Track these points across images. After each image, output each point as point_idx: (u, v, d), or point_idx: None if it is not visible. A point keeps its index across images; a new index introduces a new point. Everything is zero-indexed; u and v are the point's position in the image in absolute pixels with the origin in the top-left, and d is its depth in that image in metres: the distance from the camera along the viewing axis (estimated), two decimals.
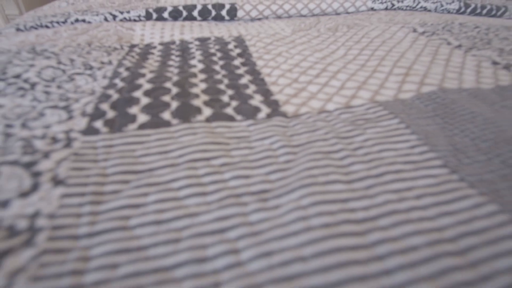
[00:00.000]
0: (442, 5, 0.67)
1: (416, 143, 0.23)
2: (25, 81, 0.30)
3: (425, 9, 0.66)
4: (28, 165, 0.19)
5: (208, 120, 0.25)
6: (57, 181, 0.19)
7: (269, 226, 0.16)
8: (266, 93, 0.30)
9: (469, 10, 0.70)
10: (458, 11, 0.69)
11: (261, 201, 0.18)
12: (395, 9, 0.64)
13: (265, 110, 0.27)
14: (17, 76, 0.31)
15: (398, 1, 0.63)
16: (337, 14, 0.60)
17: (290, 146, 0.22)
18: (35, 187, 0.18)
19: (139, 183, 0.19)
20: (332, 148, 0.22)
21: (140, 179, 0.19)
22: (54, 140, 0.22)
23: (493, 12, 0.72)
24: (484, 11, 0.71)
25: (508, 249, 0.16)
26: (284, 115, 0.26)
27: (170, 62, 0.36)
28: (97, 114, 0.25)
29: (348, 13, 0.61)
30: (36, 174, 0.19)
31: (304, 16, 0.58)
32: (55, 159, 0.20)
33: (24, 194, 0.18)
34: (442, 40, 0.45)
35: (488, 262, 0.15)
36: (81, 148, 0.21)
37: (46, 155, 0.20)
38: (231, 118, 0.26)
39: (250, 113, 0.26)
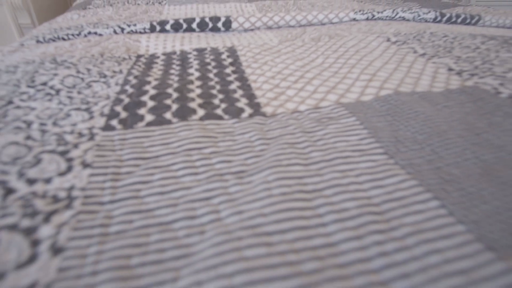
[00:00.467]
0: (419, 15, 0.73)
1: (365, 136, 0.29)
2: (51, 87, 0.36)
3: (403, 18, 0.72)
4: (63, 153, 0.25)
5: (201, 119, 0.31)
6: (85, 165, 0.24)
7: (242, 195, 0.22)
8: (250, 97, 0.35)
9: (444, 19, 0.76)
10: (434, 20, 0.75)
11: (238, 178, 0.24)
12: (375, 19, 0.69)
13: (248, 111, 0.32)
14: (44, 84, 0.37)
15: (378, 12, 0.69)
16: (322, 24, 0.66)
17: (265, 139, 0.28)
18: (69, 169, 0.24)
19: (147, 166, 0.25)
20: (297, 140, 0.28)
21: (148, 163, 0.25)
22: (80, 134, 0.28)
23: (468, 21, 0.78)
24: (459, 20, 0.77)
25: (415, 210, 0.21)
26: (263, 115, 0.32)
27: (171, 71, 0.42)
28: (113, 114, 0.31)
29: (332, 23, 0.66)
30: (70, 160, 0.25)
31: (292, 26, 0.64)
32: (83, 149, 0.26)
33: (61, 174, 0.23)
34: (410, 48, 0.51)
35: (399, 218, 0.21)
36: (101, 141, 0.27)
37: (76, 145, 0.26)
38: (220, 117, 0.31)
39: (236, 113, 0.32)
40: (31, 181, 0.23)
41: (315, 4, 0.82)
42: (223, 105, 0.33)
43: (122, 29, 0.57)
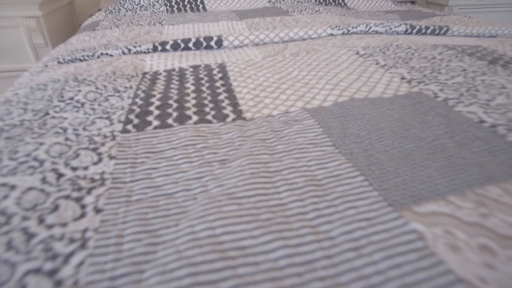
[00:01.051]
0: (391, 28, 0.83)
1: (320, 133, 0.38)
2: (77, 101, 0.46)
3: (376, 32, 0.82)
4: (94, 149, 0.35)
5: (195, 123, 0.40)
6: (111, 157, 0.34)
7: (223, 175, 0.31)
8: (234, 105, 0.45)
9: (415, 31, 0.86)
10: (405, 32, 0.85)
11: (221, 164, 0.33)
12: (350, 33, 0.79)
13: (231, 116, 0.42)
14: (71, 98, 0.47)
15: (353, 27, 0.79)
16: (303, 39, 0.76)
17: (243, 137, 0.37)
18: (100, 160, 0.33)
19: (155, 157, 0.34)
20: (267, 137, 0.37)
21: (156, 155, 0.34)
22: (105, 136, 0.37)
23: (437, 32, 0.87)
24: (429, 31, 0.86)
25: (345, 183, 0.30)
26: (244, 119, 0.41)
27: (172, 85, 0.51)
28: (128, 121, 0.40)
29: (311, 38, 0.76)
30: (99, 154, 0.34)
31: (276, 42, 0.74)
32: (108, 146, 0.35)
33: (95, 163, 0.33)
34: (373, 60, 0.60)
35: (332, 188, 0.30)
36: (121, 140, 0.36)
37: (103, 144, 0.36)
38: (209, 122, 0.41)
39: (222, 118, 0.41)
40: (74, 168, 0.32)
41: (299, 20, 0.93)
42: (212, 112, 0.43)
43: (129, 50, 0.67)
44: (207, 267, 0.22)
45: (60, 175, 0.31)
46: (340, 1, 1.32)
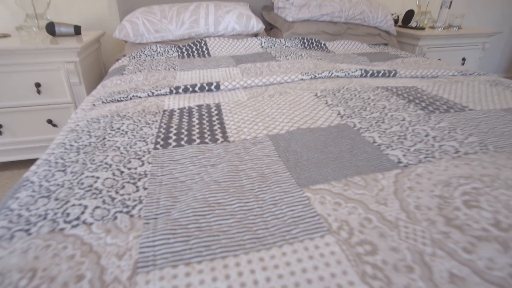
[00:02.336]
0: (349, 73, 1.11)
1: (272, 149, 0.64)
2: (122, 130, 0.73)
3: (337, 76, 1.10)
4: (139, 158, 0.61)
5: (198, 144, 0.67)
6: (149, 163, 0.60)
7: (213, 171, 0.57)
8: (224, 133, 0.72)
9: (369, 74, 1.13)
10: (361, 76, 1.12)
11: (212, 166, 0.59)
12: (317, 78, 1.07)
13: (220, 140, 0.68)
14: (118, 128, 0.74)
15: (318, 74, 1.07)
16: (280, 83, 1.04)
17: (226, 151, 0.64)
18: (143, 164, 0.60)
19: (174, 163, 0.60)
20: (239, 151, 0.63)
21: (175, 162, 0.61)
22: (144, 151, 0.64)
23: (387, 75, 1.15)
24: (380, 75, 1.14)
25: (276, 173, 0.56)
26: (228, 141, 0.68)
27: (183, 119, 0.79)
28: (156, 142, 0.67)
29: (287, 82, 1.04)
30: (143, 161, 0.61)
31: (260, 86, 1.02)
32: (146, 157, 0.62)
33: (140, 166, 0.59)
34: (325, 100, 0.87)
35: (272, 177, 0.55)
36: (153, 154, 0.63)
37: (143, 156, 0.62)
38: (206, 143, 0.67)
39: (214, 141, 0.68)
40: (129, 168, 0.58)
41: (282, 66, 1.22)
42: (209, 137, 0.70)
43: (153, 93, 0.95)
44: (200, 210, 0.48)
45: (121, 172, 0.57)
46: (322, 45, 1.62)
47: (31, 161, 1.77)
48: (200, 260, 0.39)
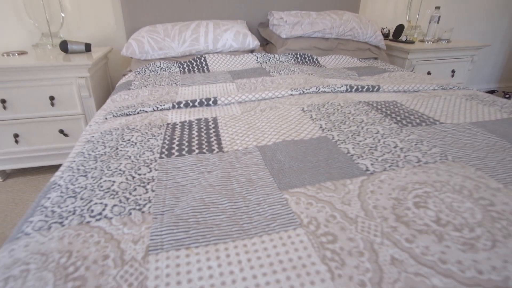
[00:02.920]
0: (335, 89, 1.23)
1: (260, 159, 0.75)
2: (132, 141, 0.85)
3: (324, 92, 1.22)
4: (147, 166, 0.73)
5: (197, 154, 0.79)
6: (155, 169, 0.72)
7: (209, 177, 0.69)
8: (219, 144, 0.83)
9: (353, 90, 1.25)
10: (346, 91, 1.24)
11: (208, 173, 0.71)
12: (305, 93, 1.19)
13: (216, 150, 0.80)
14: (129, 139, 0.86)
15: (307, 89, 1.19)
16: (272, 98, 1.16)
17: (220, 160, 0.75)
18: (151, 171, 0.72)
19: (176, 170, 0.72)
20: (232, 160, 0.75)
21: (177, 169, 0.72)
22: (151, 160, 0.76)
23: (371, 90, 1.27)
24: (364, 90, 1.26)
25: (262, 178, 0.67)
26: (222, 151, 0.80)
27: (184, 132, 0.91)
28: (162, 152, 0.79)
29: (277, 98, 1.16)
30: (150, 168, 0.72)
31: (253, 101, 1.14)
32: (154, 165, 0.74)
33: (148, 172, 0.71)
34: (310, 115, 0.99)
35: (258, 182, 0.67)
36: (159, 162, 0.75)
37: (151, 163, 0.74)
38: (204, 153, 0.79)
39: (211, 151, 0.80)
40: (139, 174, 0.70)
41: (274, 81, 1.34)
42: (206, 148, 0.81)
43: (157, 108, 1.07)
44: (198, 208, 0.59)
45: (133, 177, 0.69)
46: (314, 60, 1.75)
47: (44, 168, 1.89)
48: (197, 246, 0.50)
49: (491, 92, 2.82)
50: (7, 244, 0.55)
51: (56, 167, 1.90)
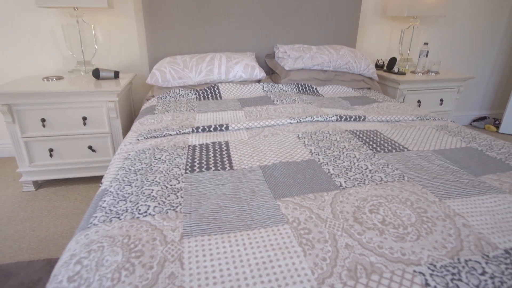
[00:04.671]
0: (327, 118, 1.49)
1: (261, 175, 1.01)
2: (162, 159, 1.12)
3: (317, 121, 1.48)
4: (176, 178, 0.99)
5: (213, 171, 1.05)
6: (182, 182, 0.98)
7: (222, 188, 0.95)
8: (230, 163, 1.10)
9: (343, 119, 1.51)
10: (336, 120, 1.50)
11: (221, 185, 0.97)
12: (301, 122, 1.46)
13: (228, 168, 1.06)
14: (159, 158, 1.13)
15: (303, 119, 1.45)
16: (273, 126, 1.43)
17: (231, 176, 1.01)
18: (179, 182, 0.98)
19: (198, 182, 0.98)
20: (239, 176, 1.01)
21: (197, 182, 0.98)
22: (179, 174, 1.02)
23: (357, 120, 1.53)
24: (352, 119, 1.52)
25: (262, 190, 0.93)
26: (232, 169, 1.06)
27: (203, 152, 1.17)
28: (186, 168, 1.06)
29: (278, 125, 1.43)
30: (178, 180, 0.99)
31: (258, 128, 1.41)
32: (181, 178, 1.00)
33: (177, 184, 0.97)
34: (303, 141, 1.25)
35: (258, 192, 0.92)
36: (185, 176, 1.01)
37: (179, 177, 1.00)
38: (218, 170, 1.05)
39: (224, 168, 1.06)
40: (171, 185, 0.96)
41: (277, 110, 1.61)
42: (220, 166, 1.08)
43: (180, 132, 1.35)
44: (215, 210, 0.85)
45: (166, 187, 0.95)
46: (313, 89, 2.03)
47: (71, 179, 2.17)
48: (215, 234, 0.76)
49: (483, 118, 3.05)
50: (80, 231, 0.81)
51: (83, 179, 2.18)
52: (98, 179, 2.20)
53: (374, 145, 1.23)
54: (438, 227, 0.77)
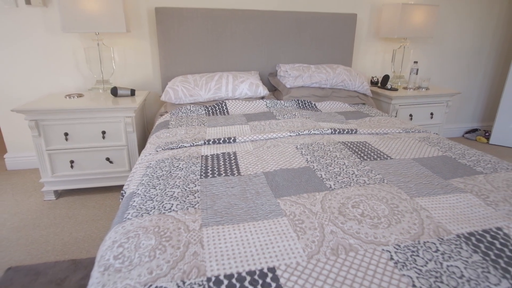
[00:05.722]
0: (322, 132, 1.71)
1: (264, 179, 1.23)
2: (180, 167, 1.34)
3: (314, 134, 1.70)
4: (193, 182, 1.21)
5: (224, 176, 1.27)
6: (198, 185, 1.20)
7: (232, 190, 1.16)
8: (238, 170, 1.31)
9: (336, 132, 1.73)
10: (331, 133, 1.72)
11: (231, 187, 1.18)
12: (299, 135, 1.68)
13: (236, 174, 1.28)
14: (177, 166, 1.35)
15: (301, 132, 1.67)
16: (275, 138, 1.65)
17: (239, 180, 1.23)
18: (195, 186, 1.20)
19: (211, 186, 1.20)
20: (246, 181, 1.22)
21: (212, 185, 1.20)
22: (195, 179, 1.24)
23: (350, 132, 1.74)
24: (344, 132, 1.74)
25: (265, 192, 1.14)
26: (240, 175, 1.28)
27: (214, 162, 1.39)
28: (201, 174, 1.27)
29: (280, 138, 1.65)
30: (195, 184, 1.20)
31: (262, 140, 1.63)
32: (197, 182, 1.22)
33: (194, 186, 1.19)
34: (301, 151, 1.47)
35: (262, 194, 1.14)
36: (200, 180, 1.23)
37: (196, 181, 1.22)
38: (228, 176, 1.27)
39: (232, 174, 1.28)
40: (189, 187, 1.18)
41: (278, 124, 1.84)
42: (229, 172, 1.29)
43: (193, 144, 1.57)
44: (227, 206, 1.06)
45: (185, 189, 1.17)
46: (312, 105, 2.26)
47: (88, 189, 2.39)
48: (228, 224, 0.97)
49: (474, 130, 3.26)
50: (116, 224, 1.02)
51: (99, 189, 2.41)
52: (114, 188, 2.42)
53: (362, 154, 1.45)
54: (406, 218, 0.98)
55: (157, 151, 1.56)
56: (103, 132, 2.13)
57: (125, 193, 1.55)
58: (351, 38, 2.63)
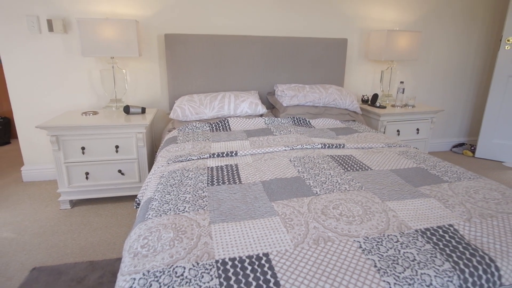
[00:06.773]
0: (314, 146, 1.97)
1: (261, 186, 1.48)
2: (189, 177, 1.59)
3: (306, 148, 1.96)
4: (202, 190, 1.46)
5: (227, 184, 1.52)
6: (206, 191, 1.45)
7: (234, 196, 1.41)
8: (239, 179, 1.57)
9: (326, 147, 1.99)
10: (321, 148, 1.98)
11: (233, 194, 1.43)
12: (293, 149, 1.94)
13: (237, 182, 1.53)
14: (187, 176, 1.60)
15: (295, 147, 1.93)
16: (272, 152, 1.91)
17: (240, 188, 1.48)
18: (204, 192, 1.45)
19: (217, 192, 1.45)
20: (246, 189, 1.48)
21: (217, 192, 1.45)
22: (203, 187, 1.49)
23: (338, 147, 2.00)
24: (333, 147, 1.99)
25: (262, 197, 1.39)
26: (241, 183, 1.53)
27: (219, 172, 1.65)
28: (208, 183, 1.53)
29: (276, 152, 1.91)
30: (203, 190, 1.46)
31: (260, 154, 1.89)
32: (205, 189, 1.47)
33: (202, 193, 1.44)
34: (293, 163, 1.72)
35: (258, 198, 1.39)
36: (208, 188, 1.48)
37: (204, 188, 1.47)
38: (231, 184, 1.52)
39: (235, 182, 1.53)
40: (198, 193, 1.43)
41: (275, 139, 2.10)
42: (232, 181, 1.55)
43: (200, 157, 1.83)
44: (230, 208, 1.31)
45: (195, 195, 1.42)
46: (307, 122, 2.53)
47: (101, 199, 2.63)
48: (231, 222, 1.21)
49: (461, 144, 3.53)
50: (139, 223, 1.27)
51: (111, 198, 2.65)
52: (124, 198, 2.67)
53: (346, 166, 1.70)
54: (375, 217, 1.23)
55: (168, 163, 1.81)
56: (117, 147, 2.39)
57: (139, 200, 1.80)
58: (342, 60, 2.93)
